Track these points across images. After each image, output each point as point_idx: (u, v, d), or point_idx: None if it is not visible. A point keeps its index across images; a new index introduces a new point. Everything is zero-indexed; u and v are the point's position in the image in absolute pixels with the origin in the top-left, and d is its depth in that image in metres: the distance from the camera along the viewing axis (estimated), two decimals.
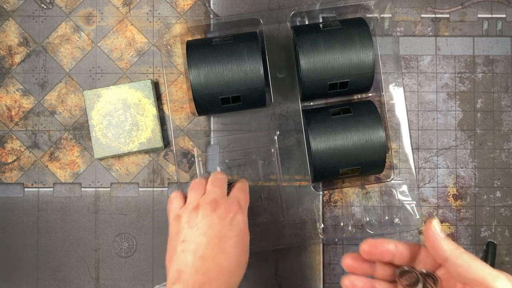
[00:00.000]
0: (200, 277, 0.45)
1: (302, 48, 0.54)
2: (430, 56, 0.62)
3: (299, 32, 0.56)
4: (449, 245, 0.40)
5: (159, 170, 0.61)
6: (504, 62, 0.62)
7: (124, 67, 0.62)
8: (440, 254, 0.41)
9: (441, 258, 0.41)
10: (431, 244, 0.41)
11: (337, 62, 0.54)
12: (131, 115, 0.60)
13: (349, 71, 0.54)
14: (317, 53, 0.54)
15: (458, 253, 0.40)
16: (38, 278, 0.61)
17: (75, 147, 0.61)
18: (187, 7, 0.62)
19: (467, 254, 0.40)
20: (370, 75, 0.55)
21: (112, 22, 0.62)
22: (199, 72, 0.54)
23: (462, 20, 0.62)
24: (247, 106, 0.57)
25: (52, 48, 0.62)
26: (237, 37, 0.56)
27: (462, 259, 0.40)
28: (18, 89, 0.61)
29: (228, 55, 0.54)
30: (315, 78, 0.55)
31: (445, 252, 0.40)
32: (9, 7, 0.62)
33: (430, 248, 0.41)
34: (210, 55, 0.54)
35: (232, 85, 0.54)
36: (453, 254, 0.40)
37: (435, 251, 0.41)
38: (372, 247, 0.43)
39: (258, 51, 0.54)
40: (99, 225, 0.61)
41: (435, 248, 0.41)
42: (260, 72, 0.54)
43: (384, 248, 0.43)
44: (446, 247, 0.40)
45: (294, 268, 0.61)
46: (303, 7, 0.60)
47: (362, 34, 0.55)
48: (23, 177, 0.61)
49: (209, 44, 0.55)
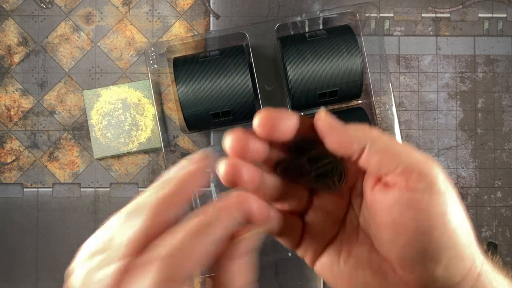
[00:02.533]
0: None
1: (289, 59, 0.54)
2: (430, 55, 0.62)
3: (285, 43, 0.55)
4: (356, 130, 0.31)
5: (159, 170, 0.61)
6: (505, 61, 0.62)
7: (123, 66, 0.61)
8: (349, 146, 0.31)
9: (351, 151, 0.31)
10: (333, 138, 0.31)
11: (325, 71, 0.54)
12: (131, 115, 0.60)
13: (338, 79, 0.54)
14: (304, 64, 0.54)
15: (376, 136, 0.31)
16: (37, 278, 0.60)
17: (74, 147, 0.61)
18: (187, 7, 0.62)
19: (386, 136, 0.32)
20: (359, 83, 0.55)
21: (111, 21, 0.62)
22: (187, 89, 0.54)
23: (463, 19, 0.62)
24: (238, 119, 0.56)
25: (51, 48, 0.61)
26: (224, 52, 0.56)
27: (381, 143, 0.31)
28: (17, 89, 0.61)
29: (216, 70, 0.54)
30: (304, 88, 0.55)
31: (354, 141, 0.31)
32: (8, 6, 0.61)
33: (333, 143, 0.31)
34: (198, 71, 0.54)
35: (222, 100, 0.54)
36: (368, 140, 0.31)
37: (341, 144, 0.31)
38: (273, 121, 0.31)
39: (245, 65, 0.54)
40: (99, 225, 0.60)
41: (339, 141, 0.31)
42: (249, 86, 0.54)
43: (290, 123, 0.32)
44: (354, 134, 0.31)
45: (294, 269, 0.61)
46: (287, 19, 0.59)
47: (349, 42, 0.55)
48: (22, 177, 0.61)
49: (196, 60, 0.55)
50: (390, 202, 0.31)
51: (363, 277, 0.33)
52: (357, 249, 0.34)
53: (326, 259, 0.34)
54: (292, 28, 0.60)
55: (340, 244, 0.34)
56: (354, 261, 0.33)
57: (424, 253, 0.30)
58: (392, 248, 0.31)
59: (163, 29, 0.61)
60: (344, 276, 0.33)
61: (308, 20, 0.60)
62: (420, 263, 0.30)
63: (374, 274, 0.32)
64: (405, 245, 0.30)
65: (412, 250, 0.30)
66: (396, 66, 0.62)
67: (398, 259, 0.31)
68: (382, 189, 0.32)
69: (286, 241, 0.35)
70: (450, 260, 0.30)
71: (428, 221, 0.30)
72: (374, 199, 0.32)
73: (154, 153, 0.61)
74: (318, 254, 0.34)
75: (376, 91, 0.60)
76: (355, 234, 0.34)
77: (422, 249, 0.30)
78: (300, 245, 0.35)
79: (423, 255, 0.30)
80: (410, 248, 0.30)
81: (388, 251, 0.32)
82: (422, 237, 0.30)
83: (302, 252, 0.35)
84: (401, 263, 0.31)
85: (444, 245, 0.30)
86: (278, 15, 0.61)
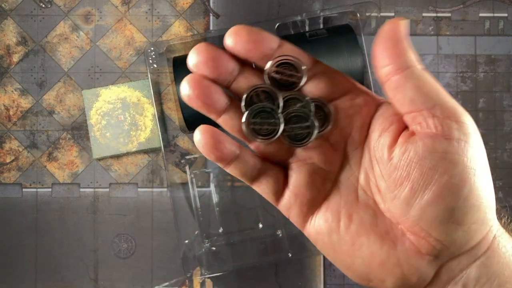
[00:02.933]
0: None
1: None
2: (431, 55, 0.62)
3: None
4: (412, 54, 0.29)
5: (158, 170, 0.61)
6: (506, 61, 0.62)
7: (123, 66, 0.61)
8: (397, 61, 0.29)
9: (394, 68, 0.29)
10: (391, 43, 0.28)
11: None
12: (130, 114, 0.60)
13: None
14: None
15: (421, 69, 0.29)
16: (36, 279, 0.60)
17: (73, 147, 0.61)
18: (186, 6, 0.62)
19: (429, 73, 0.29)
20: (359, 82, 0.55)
21: (111, 21, 0.61)
22: None
23: (464, 19, 0.62)
24: None
25: (50, 47, 0.61)
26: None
27: (424, 77, 0.29)
28: (17, 89, 0.61)
29: None
30: None
31: (406, 61, 0.28)
32: (7, 6, 0.61)
33: (385, 49, 0.29)
34: None
35: None
36: (414, 66, 0.29)
37: (392, 53, 0.29)
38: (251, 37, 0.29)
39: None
40: (98, 225, 0.61)
41: (395, 50, 0.28)
42: None
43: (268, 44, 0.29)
44: (410, 55, 0.29)
45: (295, 269, 0.60)
46: (288, 18, 0.59)
47: (349, 42, 0.54)
48: (22, 177, 0.61)
49: None
50: (422, 152, 0.28)
51: (368, 246, 0.30)
52: (359, 213, 0.30)
53: (323, 225, 0.31)
54: (292, 27, 0.60)
55: (337, 207, 0.31)
56: (357, 227, 0.30)
57: (449, 213, 0.28)
58: (411, 208, 0.28)
59: (162, 28, 0.61)
60: (346, 245, 0.30)
61: (308, 19, 0.60)
62: (441, 224, 0.28)
63: (380, 242, 0.29)
64: (430, 203, 0.28)
65: (437, 209, 0.28)
66: None
67: (417, 221, 0.28)
68: (408, 137, 0.29)
69: (263, 191, 0.32)
70: (473, 224, 0.28)
71: (460, 175, 0.27)
72: (398, 151, 0.29)
73: (153, 153, 0.61)
74: (306, 214, 0.31)
75: (377, 91, 0.59)
76: (354, 194, 0.31)
77: (448, 208, 0.28)
78: (280, 198, 0.32)
79: (447, 215, 0.28)
80: (434, 207, 0.28)
81: (404, 211, 0.29)
82: (450, 193, 0.27)
83: (285, 208, 0.32)
84: (419, 225, 0.28)
85: (471, 205, 0.28)
86: (278, 14, 0.61)
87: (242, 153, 0.31)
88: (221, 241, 0.60)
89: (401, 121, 0.30)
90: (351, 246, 0.30)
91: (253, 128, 0.30)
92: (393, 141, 0.29)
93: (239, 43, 0.29)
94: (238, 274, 0.60)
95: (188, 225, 0.60)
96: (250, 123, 0.30)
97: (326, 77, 0.31)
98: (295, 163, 0.31)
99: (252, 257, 0.60)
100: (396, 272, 0.29)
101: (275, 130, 0.30)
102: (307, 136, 0.30)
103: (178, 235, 0.59)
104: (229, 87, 0.31)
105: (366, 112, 0.31)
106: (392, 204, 0.29)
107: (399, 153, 0.29)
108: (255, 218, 0.60)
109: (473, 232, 0.28)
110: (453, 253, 0.29)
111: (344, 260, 0.31)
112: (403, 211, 0.29)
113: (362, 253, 0.30)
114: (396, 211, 0.29)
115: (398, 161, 0.28)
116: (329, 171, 0.31)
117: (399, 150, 0.29)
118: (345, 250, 0.30)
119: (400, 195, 0.29)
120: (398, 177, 0.28)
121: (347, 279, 0.60)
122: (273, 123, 0.30)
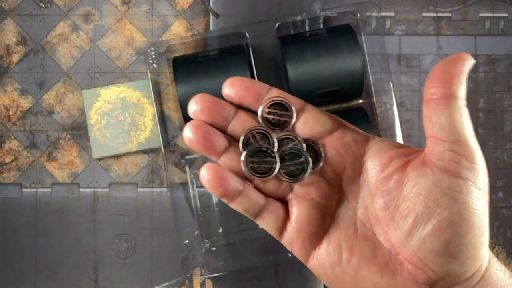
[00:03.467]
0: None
1: (289, 58, 0.54)
2: (431, 55, 0.62)
3: (285, 43, 0.55)
4: (463, 89, 0.30)
5: (158, 170, 0.61)
6: (506, 61, 0.62)
7: (123, 66, 0.61)
8: (449, 87, 0.30)
9: (442, 92, 0.30)
10: (451, 70, 0.30)
11: (326, 71, 0.54)
12: (130, 114, 0.60)
13: (338, 79, 0.54)
14: (304, 63, 0.54)
15: (463, 105, 0.30)
16: (36, 279, 0.60)
17: (73, 147, 0.61)
18: (186, 6, 0.62)
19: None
20: (359, 82, 0.55)
21: (110, 21, 0.61)
22: (187, 89, 0.54)
23: (464, 19, 0.62)
24: None
25: (50, 47, 0.61)
26: (224, 51, 0.55)
27: (462, 111, 0.30)
28: (16, 89, 0.61)
29: (216, 69, 0.54)
30: (304, 88, 0.54)
31: (455, 92, 0.30)
32: (7, 5, 0.61)
33: (444, 72, 0.30)
34: (197, 70, 0.54)
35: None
36: (460, 99, 0.30)
37: (448, 79, 0.30)
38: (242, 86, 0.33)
39: (245, 64, 0.54)
40: (98, 226, 0.61)
41: (451, 78, 0.30)
42: None
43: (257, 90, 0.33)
44: (461, 89, 0.30)
45: (295, 269, 0.60)
46: (288, 18, 0.59)
47: (349, 42, 0.54)
48: (21, 177, 0.61)
49: (196, 59, 0.55)
50: (430, 185, 0.29)
51: (369, 277, 0.31)
52: (359, 245, 0.32)
53: (326, 258, 0.32)
54: (292, 27, 0.60)
55: (338, 240, 0.32)
56: (358, 260, 0.32)
57: (445, 247, 0.29)
58: (412, 238, 0.30)
59: (162, 28, 0.61)
60: (348, 277, 0.32)
61: (308, 19, 0.60)
62: (437, 256, 0.29)
63: (381, 273, 0.31)
64: (429, 235, 0.29)
65: (435, 242, 0.29)
66: (397, 66, 0.61)
67: (416, 251, 0.30)
68: (420, 169, 0.30)
69: (267, 226, 0.33)
70: (468, 259, 0.29)
71: (460, 213, 0.29)
72: (408, 184, 0.30)
73: (153, 153, 0.61)
74: (308, 249, 0.33)
75: (377, 91, 0.59)
76: (353, 227, 0.33)
77: (445, 242, 0.29)
78: (283, 233, 0.33)
79: (443, 248, 0.29)
80: (433, 239, 0.29)
81: (405, 242, 0.30)
82: (449, 228, 0.29)
83: (288, 243, 0.33)
84: (417, 255, 0.30)
85: (467, 242, 0.29)
86: (278, 14, 0.61)
87: (245, 189, 0.33)
88: (221, 241, 0.60)
89: (399, 156, 0.32)
90: (353, 278, 0.31)
91: (251, 167, 0.32)
92: (400, 174, 0.31)
93: (234, 91, 0.33)
94: (238, 274, 0.60)
95: (188, 225, 0.60)
96: (248, 162, 0.32)
97: (314, 117, 0.33)
98: (295, 199, 0.33)
99: (252, 257, 0.60)
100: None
101: (272, 168, 0.32)
102: (302, 171, 0.32)
103: (178, 235, 0.59)
104: (225, 131, 0.34)
105: (356, 149, 0.33)
106: (394, 234, 0.31)
107: (410, 186, 0.30)
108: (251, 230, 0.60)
109: (468, 266, 0.30)
110: (447, 284, 0.30)
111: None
112: (404, 241, 0.30)
113: (364, 284, 0.31)
114: (397, 241, 0.31)
115: (408, 193, 0.30)
116: (327, 206, 0.33)
117: (410, 183, 0.30)
118: (348, 281, 0.32)
119: (404, 226, 0.30)
120: (405, 209, 0.30)
121: None
122: (270, 162, 0.32)
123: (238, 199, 0.33)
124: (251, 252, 0.60)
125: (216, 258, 0.60)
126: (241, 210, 0.33)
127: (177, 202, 0.60)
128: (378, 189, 0.32)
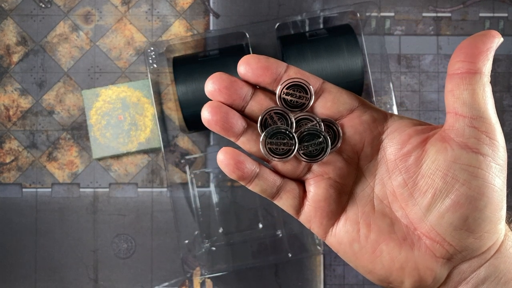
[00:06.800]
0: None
1: (289, 58, 0.54)
2: (431, 55, 0.62)
3: (285, 43, 0.55)
4: (489, 66, 0.30)
5: (158, 170, 0.61)
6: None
7: (123, 66, 0.61)
8: (474, 62, 0.30)
9: (467, 67, 0.30)
10: (479, 45, 0.30)
11: (326, 71, 0.54)
12: (130, 114, 0.60)
13: (338, 79, 0.54)
14: (304, 63, 0.54)
15: (487, 81, 0.30)
16: (36, 279, 0.60)
17: (73, 147, 0.61)
18: (186, 6, 0.62)
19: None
20: (359, 82, 0.55)
21: (110, 21, 0.61)
22: (187, 89, 0.54)
23: (464, 19, 0.62)
24: None
25: (50, 47, 0.61)
26: (224, 51, 0.55)
27: (485, 88, 0.30)
28: (16, 89, 0.61)
29: (216, 69, 0.54)
30: None
31: (480, 67, 0.29)
32: (7, 6, 0.61)
33: (471, 47, 0.30)
34: (197, 70, 0.54)
35: None
36: (484, 75, 0.30)
37: (474, 54, 0.30)
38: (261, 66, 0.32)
39: None
40: (98, 225, 0.61)
41: (478, 53, 0.30)
42: None
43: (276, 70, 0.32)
44: (487, 65, 0.30)
45: (295, 269, 0.60)
46: (288, 18, 0.59)
47: (349, 42, 0.54)
48: (21, 177, 0.61)
49: (196, 59, 0.55)
50: (449, 161, 0.30)
51: (387, 252, 0.32)
52: (377, 222, 0.32)
53: (344, 235, 0.33)
54: (292, 27, 0.60)
55: (356, 217, 0.33)
56: (376, 235, 0.32)
57: (463, 221, 0.30)
58: (430, 214, 0.30)
59: (162, 28, 0.61)
60: (366, 252, 0.32)
61: (308, 19, 0.60)
62: (455, 230, 0.30)
63: (399, 247, 0.31)
64: (447, 210, 0.30)
65: (453, 216, 0.30)
66: (397, 66, 0.61)
67: (434, 226, 0.30)
68: (439, 144, 0.30)
69: (284, 205, 0.34)
70: (485, 233, 0.30)
71: (479, 188, 0.29)
72: (428, 160, 0.30)
73: (153, 153, 0.61)
74: (326, 226, 0.33)
75: (377, 91, 0.59)
76: (370, 204, 0.33)
77: (463, 216, 0.30)
78: (300, 212, 0.34)
79: (461, 223, 0.30)
80: (451, 214, 0.30)
81: (423, 217, 0.31)
82: (467, 203, 0.29)
83: (306, 221, 0.34)
84: (435, 230, 0.31)
85: (485, 217, 0.30)
86: (278, 14, 0.61)
87: (262, 171, 0.33)
88: (221, 241, 0.60)
89: (418, 133, 0.32)
90: (371, 253, 0.32)
91: (270, 148, 0.32)
92: (419, 151, 0.31)
93: (250, 70, 0.32)
94: (238, 274, 0.60)
95: (188, 225, 0.60)
96: (267, 143, 0.32)
97: (332, 97, 0.33)
98: (313, 179, 0.33)
99: (252, 257, 0.60)
100: (414, 274, 0.31)
101: (291, 149, 0.32)
102: (321, 152, 0.33)
103: (178, 235, 0.59)
104: (243, 110, 0.33)
105: (375, 127, 0.33)
106: (412, 210, 0.31)
107: (429, 162, 0.31)
108: (255, 218, 0.60)
109: (485, 240, 0.30)
110: (464, 257, 0.31)
111: (366, 266, 0.33)
112: (422, 216, 0.31)
113: (383, 259, 0.32)
114: (415, 217, 0.31)
115: (427, 170, 0.31)
116: (344, 184, 0.33)
117: (429, 159, 0.31)
118: (366, 257, 0.32)
119: (422, 202, 0.31)
120: (424, 185, 0.31)
121: (347, 279, 0.60)
122: (288, 143, 0.32)
123: (255, 181, 0.33)
124: (251, 252, 0.60)
125: (216, 258, 0.60)
126: (258, 191, 0.33)
127: (177, 202, 0.60)
128: (396, 166, 0.32)
